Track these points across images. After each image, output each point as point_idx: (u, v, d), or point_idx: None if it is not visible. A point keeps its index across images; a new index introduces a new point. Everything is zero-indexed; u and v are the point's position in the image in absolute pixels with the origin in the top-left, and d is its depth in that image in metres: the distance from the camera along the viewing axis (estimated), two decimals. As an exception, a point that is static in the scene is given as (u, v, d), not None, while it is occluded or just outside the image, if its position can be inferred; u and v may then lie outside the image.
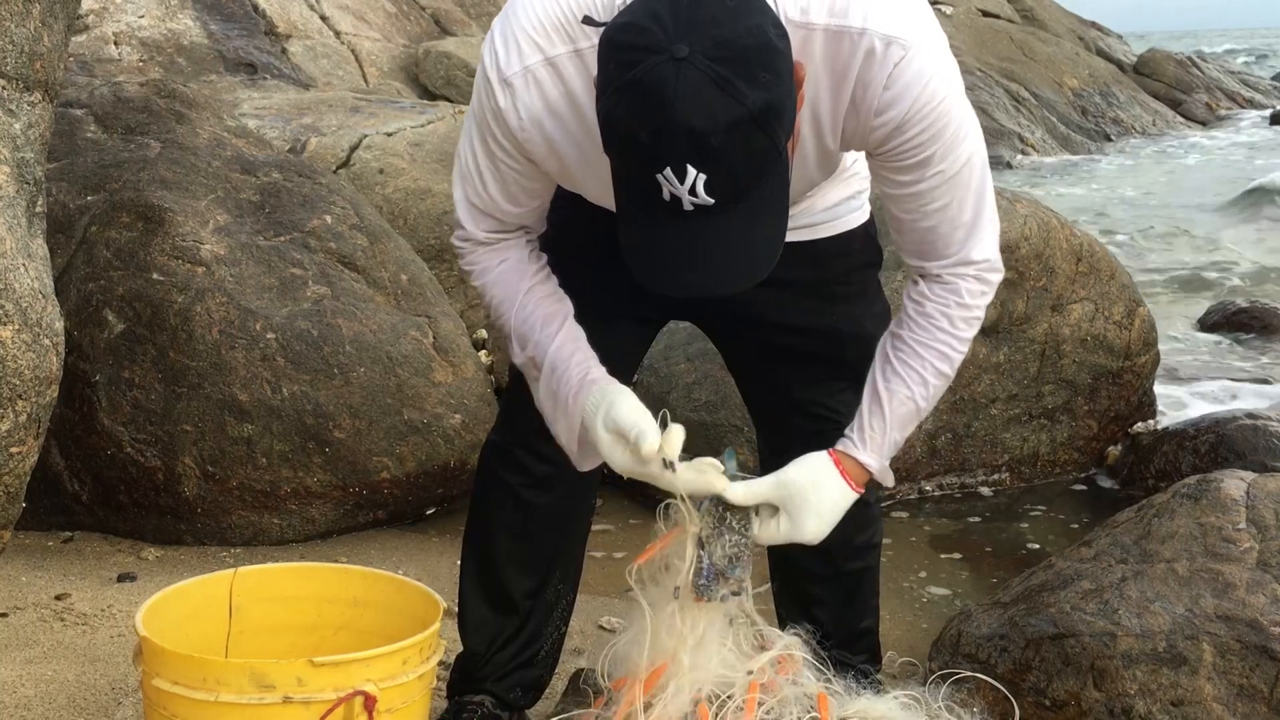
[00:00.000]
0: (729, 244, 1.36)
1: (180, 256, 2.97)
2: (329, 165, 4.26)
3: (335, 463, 2.95)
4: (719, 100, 1.27)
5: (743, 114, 1.28)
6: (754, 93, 1.28)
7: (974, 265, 1.65)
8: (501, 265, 1.71)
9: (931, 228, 1.61)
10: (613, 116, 1.32)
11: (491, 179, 1.64)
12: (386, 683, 1.58)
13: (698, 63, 1.27)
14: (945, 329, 1.66)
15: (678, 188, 1.30)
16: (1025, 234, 3.47)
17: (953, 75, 1.52)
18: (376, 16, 7.84)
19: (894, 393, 1.67)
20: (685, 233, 1.35)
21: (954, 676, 1.88)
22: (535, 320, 1.69)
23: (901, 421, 1.68)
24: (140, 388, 2.87)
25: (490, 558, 1.95)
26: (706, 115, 1.27)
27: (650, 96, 1.27)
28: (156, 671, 1.59)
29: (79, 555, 2.83)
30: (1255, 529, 2.22)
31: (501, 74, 1.53)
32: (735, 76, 1.27)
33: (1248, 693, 1.99)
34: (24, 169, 2.07)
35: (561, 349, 1.67)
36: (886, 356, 1.69)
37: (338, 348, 3.00)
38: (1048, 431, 3.63)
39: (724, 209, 1.32)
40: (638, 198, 1.36)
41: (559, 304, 1.71)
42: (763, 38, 1.30)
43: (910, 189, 1.57)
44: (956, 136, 1.54)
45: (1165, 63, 16.14)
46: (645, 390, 3.44)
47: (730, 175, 1.30)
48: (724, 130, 1.27)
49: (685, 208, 1.32)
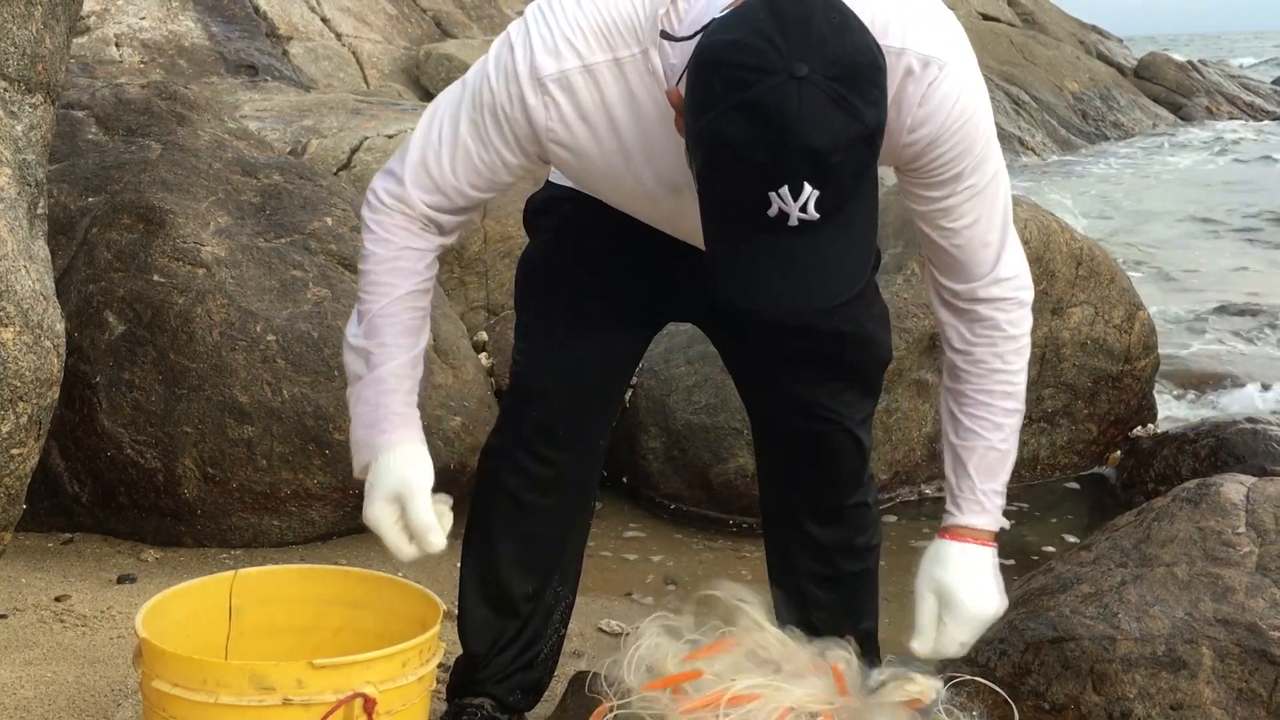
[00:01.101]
0: (827, 257, 1.36)
1: (181, 258, 2.97)
2: (330, 167, 4.26)
3: (335, 464, 2.95)
4: (840, 119, 1.28)
5: (861, 131, 1.29)
6: (869, 110, 1.30)
7: (1006, 284, 1.67)
8: (403, 251, 1.66)
9: (962, 246, 1.63)
10: (723, 135, 1.30)
11: (463, 160, 1.61)
12: (386, 685, 1.58)
13: (818, 82, 1.27)
14: (1000, 369, 1.69)
15: (789, 205, 1.30)
16: (1025, 237, 3.47)
17: (983, 91, 1.54)
18: (377, 19, 7.84)
19: (973, 449, 1.70)
20: (785, 248, 1.34)
21: (953, 679, 1.88)
22: (397, 323, 1.66)
23: (991, 471, 1.71)
24: (140, 389, 2.87)
25: (490, 560, 1.95)
26: (829, 135, 1.27)
27: (772, 117, 1.27)
28: (156, 673, 1.59)
29: (79, 557, 2.83)
30: (1255, 533, 2.22)
31: (536, 72, 1.52)
32: (852, 95, 1.28)
33: (1247, 696, 1.99)
34: (26, 171, 2.08)
35: (401, 370, 1.66)
36: (953, 414, 1.72)
37: (338, 350, 3.00)
38: (1047, 435, 3.64)
39: (823, 223, 1.32)
40: (739, 214, 1.34)
41: (424, 323, 1.70)
42: (871, 55, 1.32)
43: (940, 204, 1.59)
44: (986, 152, 1.56)
45: (1165, 66, 16.16)
46: (645, 393, 3.44)
47: (840, 191, 1.31)
48: (844, 149, 1.28)
49: (790, 223, 1.31)
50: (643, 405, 3.43)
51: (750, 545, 3.08)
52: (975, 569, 1.69)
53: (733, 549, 3.14)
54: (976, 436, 1.70)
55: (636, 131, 1.55)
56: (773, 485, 2.01)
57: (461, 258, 4.23)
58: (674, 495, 3.37)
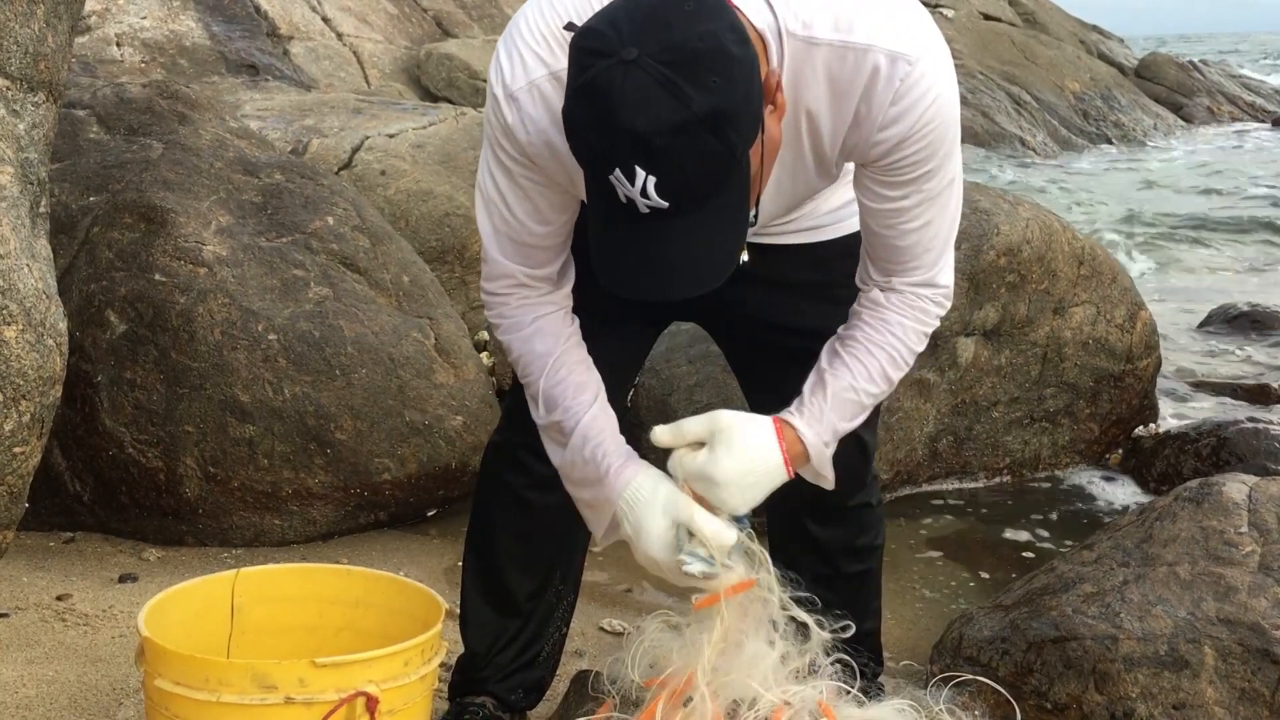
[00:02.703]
0: (683, 248, 1.36)
1: (182, 257, 2.97)
2: (331, 167, 4.26)
3: (337, 464, 2.95)
4: (664, 102, 1.27)
5: (688, 116, 1.27)
6: (700, 96, 1.27)
7: (937, 289, 1.66)
8: (536, 323, 1.68)
9: (908, 246, 1.61)
10: (570, 118, 1.33)
11: (515, 200, 1.62)
12: (388, 684, 1.58)
13: (645, 65, 1.27)
14: (899, 336, 1.66)
15: (629, 189, 1.30)
16: (1027, 237, 3.47)
17: (954, 90, 1.53)
18: (378, 18, 7.84)
19: (838, 377, 1.64)
20: (640, 236, 1.35)
21: (955, 679, 1.88)
22: (568, 386, 1.66)
23: (841, 407, 1.64)
24: (142, 388, 2.87)
25: (492, 558, 1.95)
26: (650, 117, 1.27)
27: (598, 99, 1.28)
28: (158, 672, 1.59)
29: (80, 556, 2.83)
30: (1257, 532, 2.22)
31: (507, 89, 1.53)
32: (681, 79, 1.27)
33: (1249, 696, 1.99)
34: (28, 169, 2.08)
35: (596, 420, 1.65)
36: (834, 350, 1.68)
37: (339, 349, 3.00)
38: (1049, 434, 3.63)
39: (680, 213, 1.32)
40: (597, 200, 1.37)
41: (590, 373, 1.69)
42: (715, 42, 1.29)
43: (896, 204, 1.57)
44: (949, 154, 1.55)
45: (1167, 66, 16.15)
46: (646, 392, 3.44)
47: (681, 178, 1.30)
48: (668, 132, 1.27)
49: (641, 210, 1.32)
50: (644, 404, 3.43)
51: (752, 544, 3.08)
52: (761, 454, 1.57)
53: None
54: (848, 372, 1.64)
55: None
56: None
57: (463, 257, 4.23)
58: (675, 495, 3.37)
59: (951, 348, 3.40)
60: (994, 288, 3.43)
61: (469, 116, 5.00)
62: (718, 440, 1.57)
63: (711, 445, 1.57)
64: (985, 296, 3.43)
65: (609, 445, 1.64)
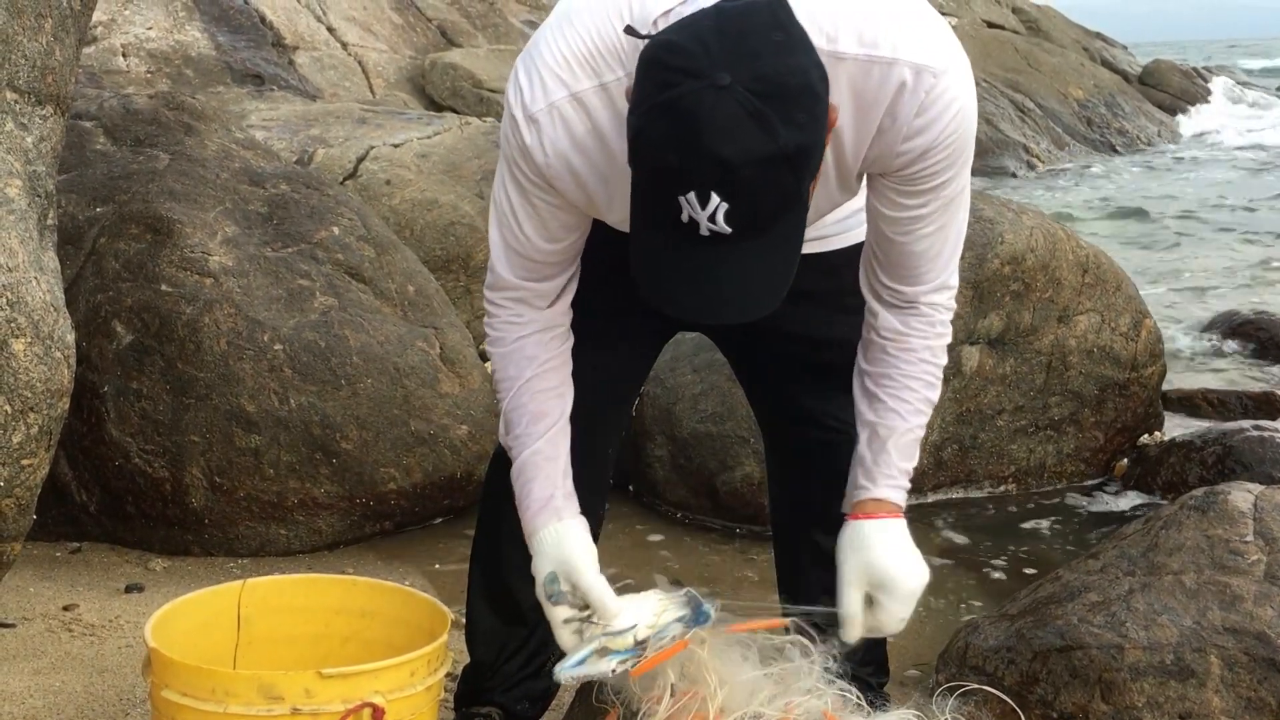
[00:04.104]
0: (737, 274, 1.36)
1: (188, 268, 2.98)
2: (336, 176, 4.28)
3: (342, 473, 2.95)
4: (753, 134, 1.27)
5: (775, 151, 1.28)
6: (788, 132, 1.28)
7: (948, 293, 1.68)
8: (517, 342, 1.70)
9: (921, 252, 1.63)
10: (644, 134, 1.32)
11: (526, 217, 1.62)
12: (394, 694, 1.58)
13: (737, 93, 1.27)
14: (929, 360, 1.69)
15: (698, 213, 1.30)
16: (1031, 245, 3.47)
17: (974, 99, 1.54)
18: (383, 28, 7.87)
19: (893, 428, 1.69)
20: (695, 257, 1.35)
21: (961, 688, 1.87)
22: (525, 413, 1.69)
23: (908, 452, 1.70)
24: (148, 398, 2.88)
25: (498, 568, 1.95)
26: (738, 147, 1.27)
27: (685, 120, 1.28)
28: (165, 683, 1.59)
29: (87, 566, 2.83)
30: (1263, 541, 2.22)
31: (527, 110, 1.53)
32: (773, 113, 1.28)
33: (1256, 705, 1.99)
34: (36, 182, 2.08)
35: (536, 454, 1.68)
36: (872, 394, 1.70)
37: (345, 359, 3.01)
38: (1054, 443, 3.63)
39: (739, 240, 1.32)
40: (655, 216, 1.36)
41: (555, 400, 1.70)
42: (804, 79, 1.31)
43: (913, 211, 1.58)
44: (967, 160, 1.57)
45: (1170, 73, 16.16)
46: (651, 401, 3.44)
47: (751, 208, 1.31)
48: (753, 164, 1.28)
49: (701, 233, 1.32)
50: (649, 414, 3.43)
51: (757, 549, 3.08)
52: (901, 543, 1.66)
53: (740, 552, 3.14)
54: (899, 418, 1.68)
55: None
56: (782, 494, 2.01)
57: (468, 266, 4.24)
58: (680, 504, 3.37)
59: (956, 356, 3.40)
60: (998, 296, 3.43)
61: (473, 126, 5.02)
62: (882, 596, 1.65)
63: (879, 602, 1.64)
64: (990, 305, 3.43)
65: (536, 488, 1.68)
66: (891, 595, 1.65)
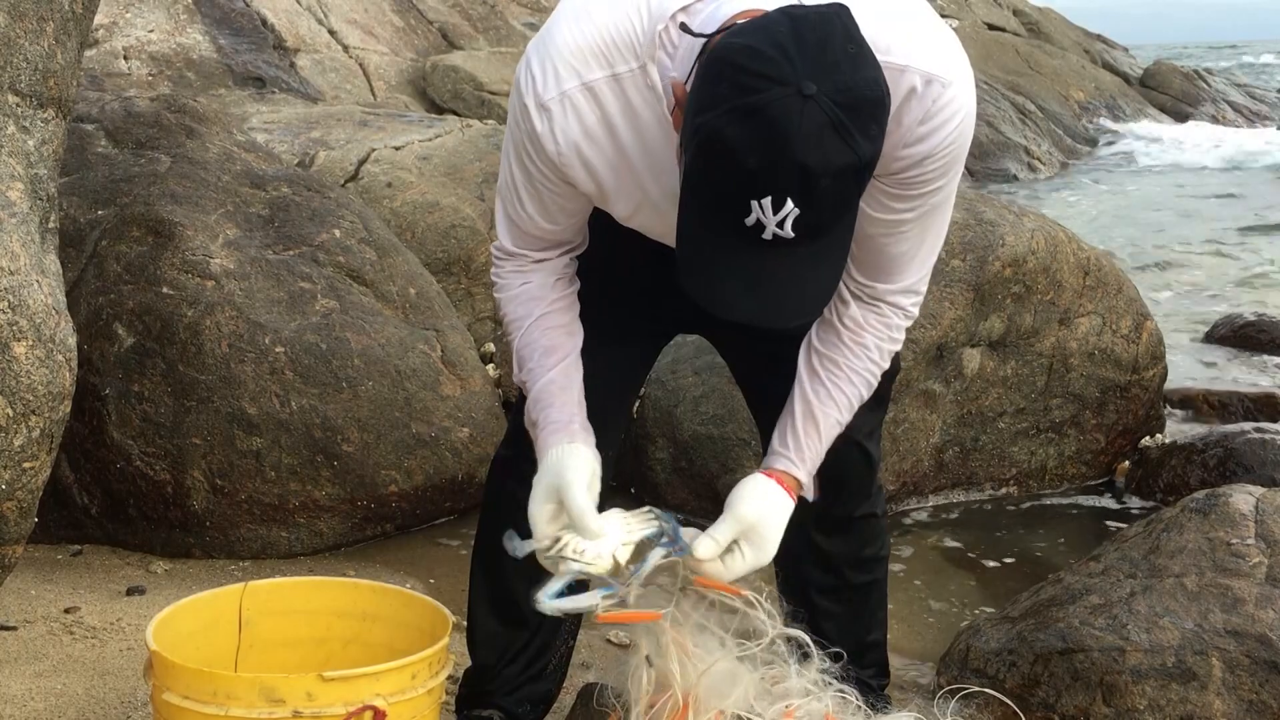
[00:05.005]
0: (793, 279, 1.37)
1: (190, 270, 2.98)
2: (337, 179, 4.28)
3: (344, 476, 2.95)
4: (836, 145, 1.29)
5: (852, 161, 1.30)
6: (863, 144, 1.31)
7: (914, 296, 1.70)
8: (523, 286, 1.73)
9: (899, 254, 1.64)
10: (720, 134, 1.31)
11: (529, 198, 1.65)
12: (396, 697, 1.59)
13: (822, 103, 1.28)
14: (875, 360, 1.71)
15: (767, 217, 1.31)
16: (1032, 248, 3.47)
17: (974, 111, 1.55)
18: (384, 30, 7.87)
19: (827, 415, 1.70)
20: (754, 260, 1.35)
21: (962, 691, 1.88)
22: (537, 348, 1.70)
23: (829, 439, 1.72)
24: (150, 401, 2.88)
25: (499, 572, 1.95)
26: (821, 156, 1.29)
27: (772, 126, 1.28)
28: (167, 685, 1.59)
29: (88, 568, 2.83)
30: (1264, 544, 2.22)
31: (538, 98, 1.54)
32: (853, 124, 1.30)
33: (1257, 708, 1.99)
34: (37, 185, 2.09)
35: (551, 384, 1.69)
36: (817, 375, 1.71)
37: (346, 361, 3.01)
38: (1055, 445, 3.63)
39: (797, 245, 1.33)
40: (718, 217, 1.35)
41: (566, 337, 1.72)
42: (878, 92, 1.33)
43: (899, 215, 1.59)
44: (958, 172, 1.58)
45: (1171, 75, 16.14)
46: (653, 404, 3.44)
47: (820, 216, 1.32)
48: (833, 174, 1.30)
49: (764, 236, 1.32)
50: (650, 416, 3.43)
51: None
52: (783, 522, 1.67)
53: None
54: (835, 408, 1.70)
55: (639, 145, 1.57)
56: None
57: (469, 269, 4.24)
58: (681, 506, 3.37)
59: (957, 359, 3.40)
60: (999, 299, 3.44)
61: (475, 128, 5.02)
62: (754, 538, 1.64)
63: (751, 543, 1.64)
64: (991, 307, 3.43)
65: (554, 414, 1.67)
66: (747, 556, 1.64)
